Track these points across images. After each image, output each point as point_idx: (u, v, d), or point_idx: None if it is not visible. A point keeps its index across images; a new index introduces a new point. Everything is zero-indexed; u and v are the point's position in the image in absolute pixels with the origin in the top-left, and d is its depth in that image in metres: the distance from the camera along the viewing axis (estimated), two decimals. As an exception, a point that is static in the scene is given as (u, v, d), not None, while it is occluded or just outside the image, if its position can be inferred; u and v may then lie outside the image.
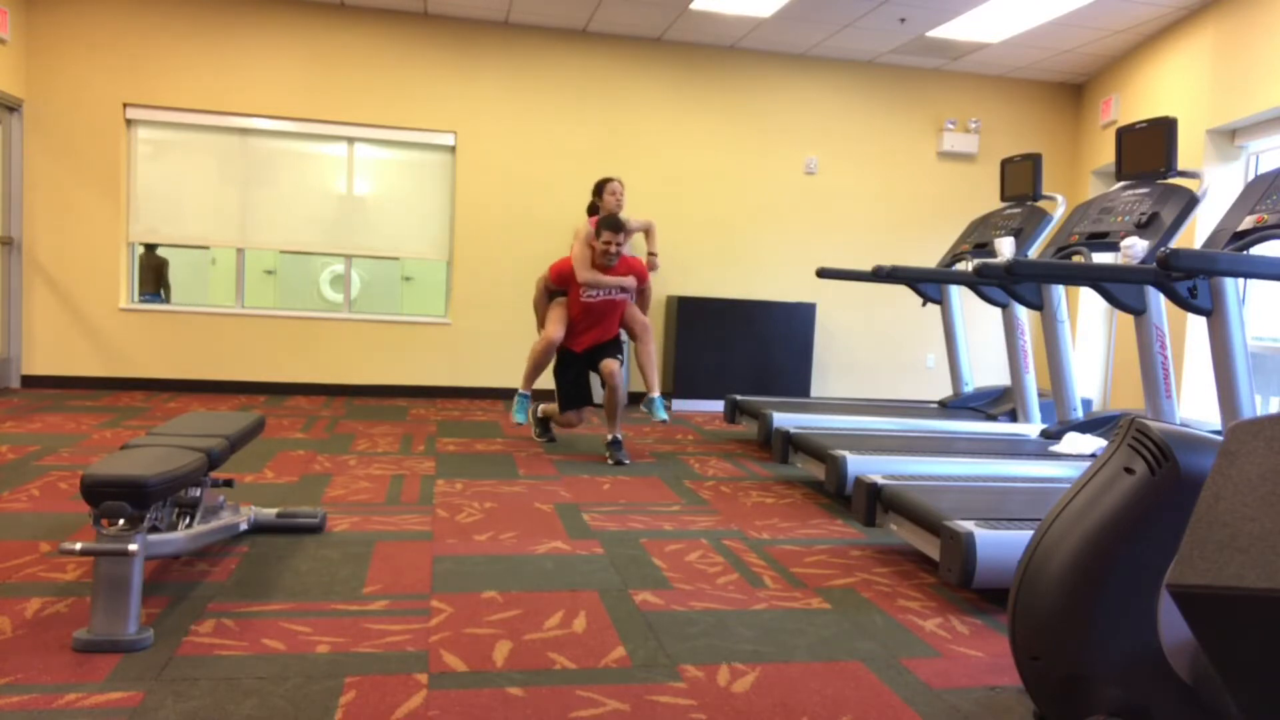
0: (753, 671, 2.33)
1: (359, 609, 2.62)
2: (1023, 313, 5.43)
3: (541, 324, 5.14)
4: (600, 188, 5.81)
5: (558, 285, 5.10)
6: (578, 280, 4.97)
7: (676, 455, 5.27)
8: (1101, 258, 4.46)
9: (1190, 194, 4.16)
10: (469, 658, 2.33)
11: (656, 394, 5.02)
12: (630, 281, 5.04)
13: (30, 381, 6.72)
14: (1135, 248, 4.07)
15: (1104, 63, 7.46)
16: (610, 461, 4.92)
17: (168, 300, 7.61)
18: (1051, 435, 4.90)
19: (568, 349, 5.13)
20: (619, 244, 4.94)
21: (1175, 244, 4.02)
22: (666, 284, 7.51)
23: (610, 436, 5.00)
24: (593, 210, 5.91)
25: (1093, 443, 4.53)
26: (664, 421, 5.14)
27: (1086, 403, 6.76)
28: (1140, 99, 7.03)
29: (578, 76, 7.32)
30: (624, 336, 5.32)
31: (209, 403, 6.38)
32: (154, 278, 7.61)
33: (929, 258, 7.94)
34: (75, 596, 2.59)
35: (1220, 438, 1.56)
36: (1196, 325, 6.29)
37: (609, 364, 5.00)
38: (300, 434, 5.35)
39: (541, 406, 5.47)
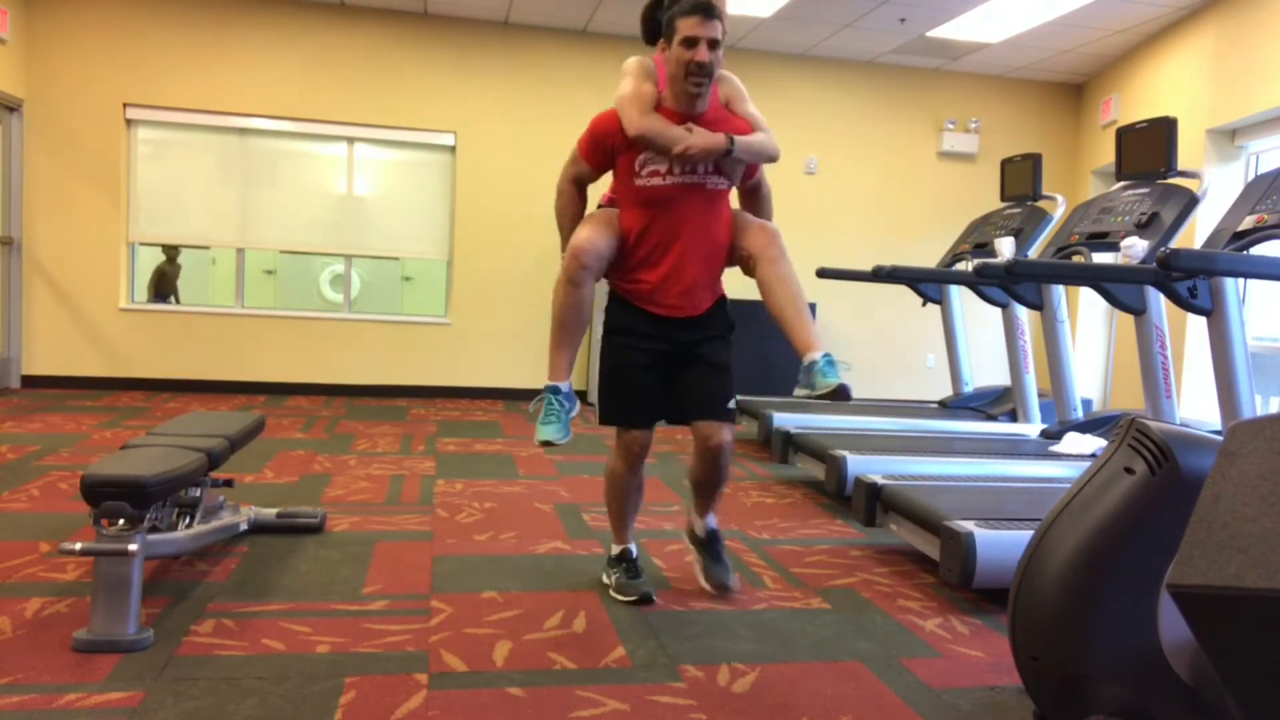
0: (753, 671, 2.33)
1: (359, 609, 2.62)
2: (1023, 313, 5.42)
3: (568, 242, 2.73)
4: None
5: (592, 164, 2.71)
6: (629, 131, 2.60)
7: (676, 455, 5.27)
8: (1101, 258, 4.45)
9: (1190, 194, 4.16)
10: (469, 658, 2.32)
11: (822, 349, 2.66)
12: (722, 140, 2.59)
13: (30, 381, 6.72)
14: (1135, 248, 4.06)
15: (1104, 63, 7.45)
16: (706, 581, 2.85)
17: (177, 303, 7.64)
18: (1051, 435, 4.90)
19: (630, 303, 2.75)
20: (714, 45, 2.52)
21: (1175, 244, 4.02)
22: (666, 284, 7.51)
23: (704, 526, 2.86)
24: (652, 34, 2.85)
25: (1093, 443, 4.53)
26: (843, 388, 2.56)
27: (1086, 403, 6.76)
28: (1140, 99, 7.03)
29: (578, 76, 7.32)
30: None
31: (209, 403, 6.38)
32: (167, 284, 7.65)
33: (929, 258, 7.93)
34: (75, 596, 2.59)
35: (1220, 438, 1.56)
36: (1196, 325, 6.28)
37: (710, 429, 2.73)
38: (300, 434, 5.35)
39: (616, 549, 2.92)
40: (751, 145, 2.65)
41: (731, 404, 2.81)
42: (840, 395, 2.51)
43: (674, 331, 2.76)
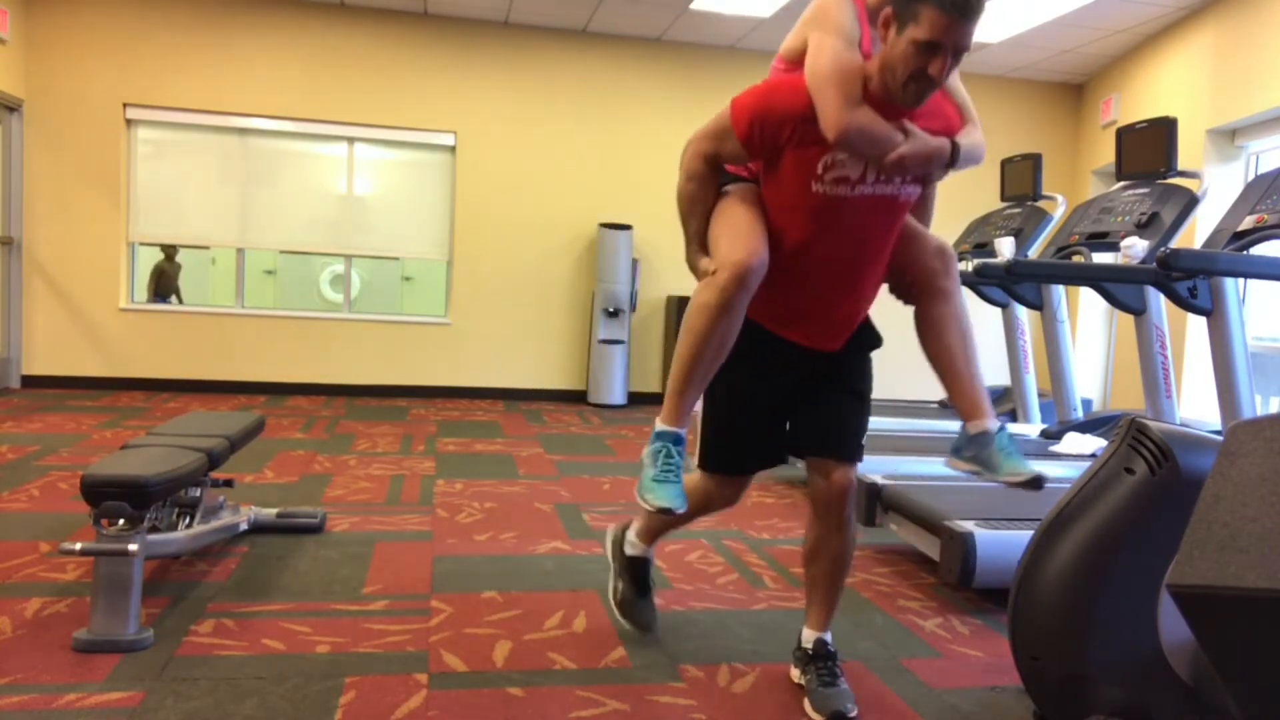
0: (752, 671, 2.33)
1: (359, 609, 2.62)
2: (1023, 313, 5.42)
3: (700, 243, 2.09)
4: None
5: (752, 149, 1.97)
6: (828, 131, 1.86)
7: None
8: (1101, 258, 4.45)
9: (1190, 194, 4.16)
10: (469, 658, 2.32)
11: (995, 418, 2.13)
12: (945, 149, 1.93)
13: (30, 381, 6.72)
14: (1135, 248, 4.06)
15: (1104, 63, 7.45)
16: (816, 712, 2.09)
17: (180, 302, 7.65)
18: (1051, 435, 4.89)
19: (759, 324, 2.11)
20: (959, 54, 1.81)
21: (1175, 244, 4.02)
22: (665, 284, 7.51)
23: (816, 636, 2.22)
24: None
25: (1093, 443, 4.53)
26: (1035, 479, 1.95)
27: (1086, 403, 6.75)
28: (1140, 99, 7.03)
29: (578, 76, 7.31)
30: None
31: (209, 403, 6.38)
32: (167, 283, 7.66)
33: (929, 258, 7.93)
34: (75, 596, 2.59)
35: (1220, 438, 1.56)
36: (1196, 325, 6.28)
37: (833, 468, 2.13)
38: (300, 434, 5.35)
39: (631, 529, 2.51)
40: (972, 150, 1.98)
41: (863, 439, 2.21)
42: (1034, 487, 1.95)
43: (809, 363, 2.16)
